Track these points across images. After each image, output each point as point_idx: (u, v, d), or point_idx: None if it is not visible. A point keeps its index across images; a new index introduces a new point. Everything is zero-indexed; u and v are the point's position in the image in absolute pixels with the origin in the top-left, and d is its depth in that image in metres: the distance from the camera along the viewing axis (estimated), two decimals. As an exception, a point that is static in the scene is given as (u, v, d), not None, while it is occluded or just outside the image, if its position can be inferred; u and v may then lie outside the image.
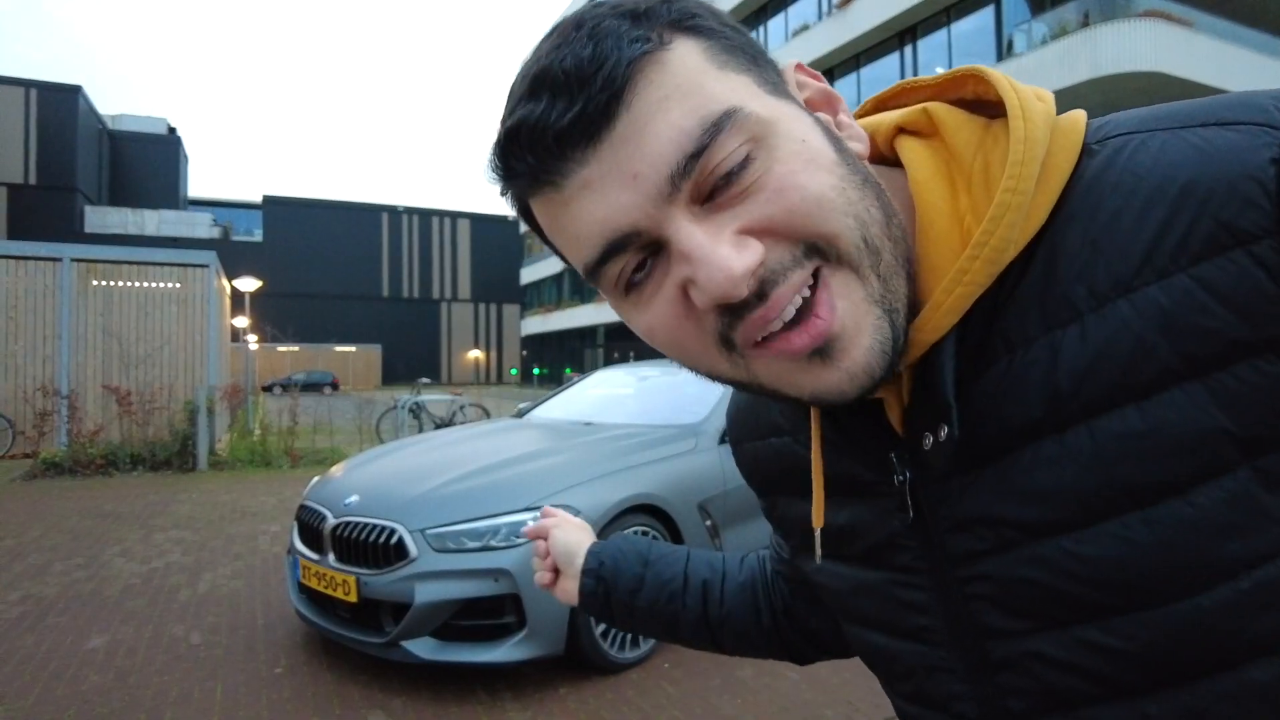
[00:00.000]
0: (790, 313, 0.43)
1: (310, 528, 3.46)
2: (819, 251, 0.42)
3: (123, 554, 5.30)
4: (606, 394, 5.24)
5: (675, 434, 4.06)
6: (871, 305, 0.43)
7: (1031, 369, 0.44)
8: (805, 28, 22.68)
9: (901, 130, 0.53)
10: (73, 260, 10.35)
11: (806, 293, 0.43)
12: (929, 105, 0.51)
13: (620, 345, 38.43)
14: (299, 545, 3.52)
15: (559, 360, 46.51)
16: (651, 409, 4.63)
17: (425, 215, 59.60)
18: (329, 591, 3.24)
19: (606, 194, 0.42)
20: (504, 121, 0.45)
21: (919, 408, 0.48)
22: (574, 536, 0.88)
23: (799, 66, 0.49)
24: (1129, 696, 0.44)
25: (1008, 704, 0.48)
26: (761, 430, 0.66)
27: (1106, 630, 0.43)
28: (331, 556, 3.28)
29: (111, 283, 10.55)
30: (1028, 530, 0.45)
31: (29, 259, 10.37)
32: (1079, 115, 0.48)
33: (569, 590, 0.86)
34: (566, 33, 0.43)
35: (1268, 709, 0.41)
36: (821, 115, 0.47)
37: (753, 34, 0.49)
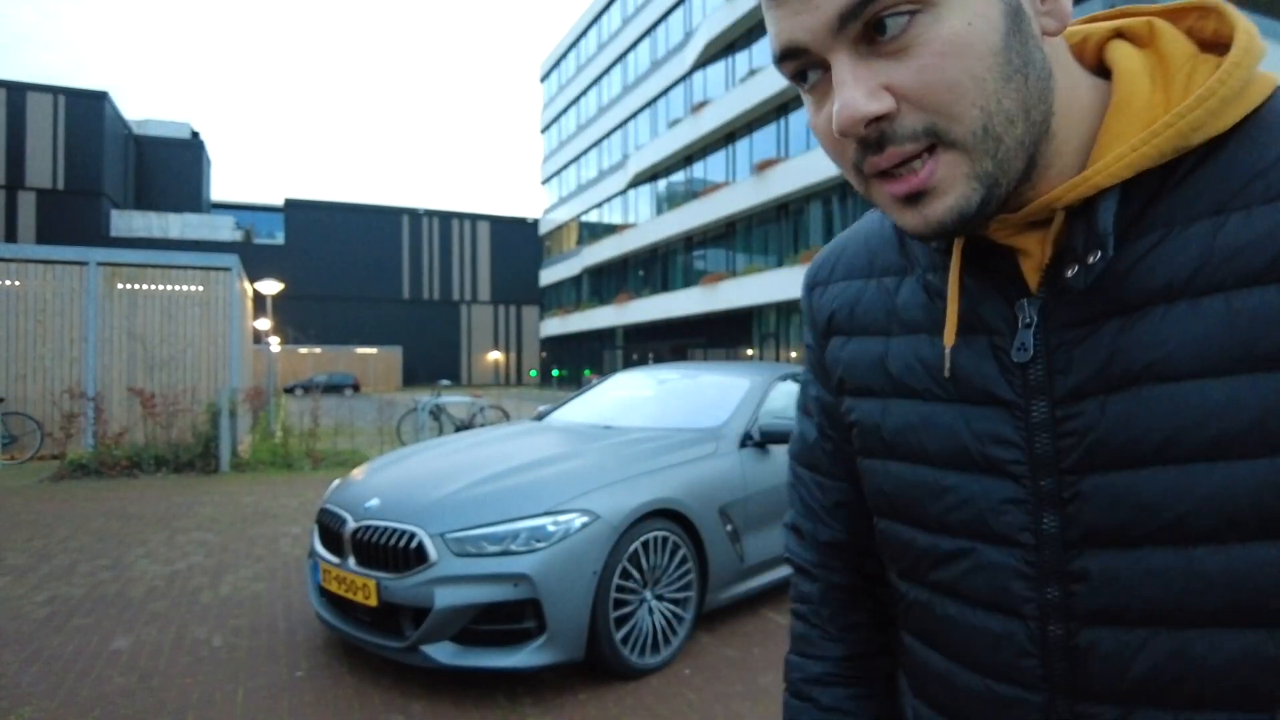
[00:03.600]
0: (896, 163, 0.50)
1: (331, 531, 3.47)
2: (937, 133, 0.48)
3: (147, 555, 5.35)
4: (626, 397, 5.21)
5: (696, 438, 4.03)
6: (970, 179, 0.49)
7: (1185, 244, 0.49)
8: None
9: (1119, 35, 0.57)
10: (98, 264, 10.50)
11: (916, 163, 0.49)
12: (1154, 19, 0.56)
13: (639, 347, 38.43)
14: (319, 549, 3.53)
15: (578, 361, 46.60)
16: (671, 412, 4.60)
17: (445, 218, 59.91)
18: (349, 595, 3.24)
19: (793, 11, 0.49)
20: None
21: (1071, 243, 0.52)
22: None
23: None
24: (1185, 542, 0.48)
25: (1066, 535, 0.53)
26: (874, 269, 0.70)
27: (1188, 473, 0.47)
28: (352, 560, 3.28)
29: (136, 286, 10.68)
30: (1142, 374, 0.49)
31: (56, 263, 10.54)
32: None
33: None
34: None
35: None
36: None
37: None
